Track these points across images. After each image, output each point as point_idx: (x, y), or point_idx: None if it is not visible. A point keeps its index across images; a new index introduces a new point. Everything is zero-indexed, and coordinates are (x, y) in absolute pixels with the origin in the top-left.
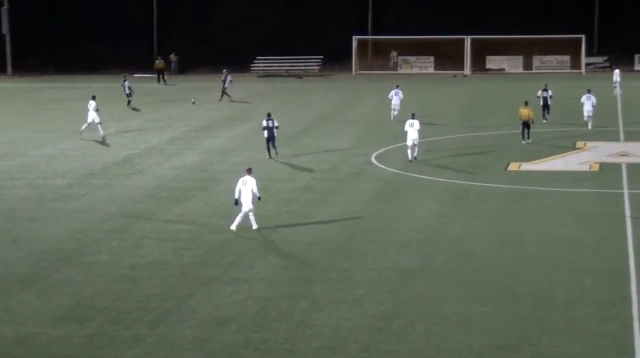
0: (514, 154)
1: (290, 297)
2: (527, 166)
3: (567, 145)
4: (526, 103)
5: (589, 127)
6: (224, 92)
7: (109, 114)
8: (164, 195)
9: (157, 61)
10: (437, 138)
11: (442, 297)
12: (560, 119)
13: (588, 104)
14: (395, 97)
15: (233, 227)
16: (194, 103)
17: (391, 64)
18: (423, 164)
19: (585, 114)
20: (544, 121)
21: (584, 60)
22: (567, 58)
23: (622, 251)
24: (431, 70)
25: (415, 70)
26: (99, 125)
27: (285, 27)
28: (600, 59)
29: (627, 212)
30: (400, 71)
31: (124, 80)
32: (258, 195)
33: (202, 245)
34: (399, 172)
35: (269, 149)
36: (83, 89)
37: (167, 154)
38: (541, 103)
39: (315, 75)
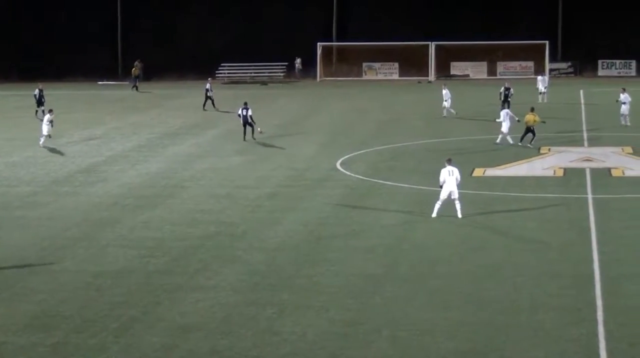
0: (478, 159)
1: (256, 303)
2: (491, 171)
3: (531, 151)
4: (532, 109)
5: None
6: (208, 100)
7: (72, 122)
8: (129, 203)
9: (134, 68)
10: (402, 144)
11: (408, 303)
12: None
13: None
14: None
15: (434, 215)
16: (261, 132)
17: (296, 72)
18: (388, 169)
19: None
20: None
21: (547, 66)
22: (530, 64)
23: (587, 256)
24: (396, 77)
25: (380, 77)
26: (43, 138)
27: (250, 33)
28: (564, 65)
29: (591, 217)
30: (365, 77)
31: (40, 90)
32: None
33: (168, 253)
34: (364, 178)
35: (244, 132)
36: (47, 96)
37: (132, 161)
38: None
39: (280, 82)
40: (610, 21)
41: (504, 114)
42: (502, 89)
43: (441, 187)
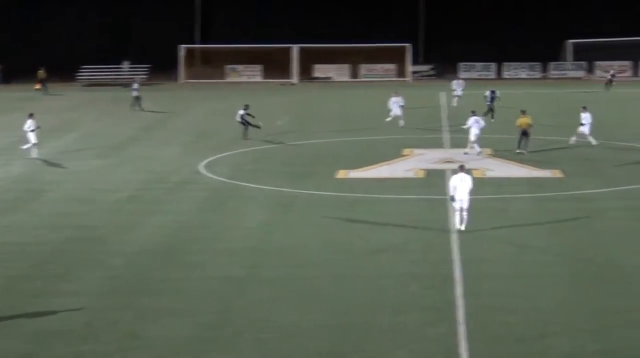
0: (342, 161)
1: (118, 308)
2: (354, 173)
3: (393, 153)
4: (523, 112)
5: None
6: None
7: None
8: None
9: (40, 71)
10: (265, 146)
11: (271, 305)
12: (389, 126)
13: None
14: (395, 105)
15: (462, 227)
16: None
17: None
18: (251, 171)
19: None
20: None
21: (410, 68)
22: (393, 66)
23: (448, 256)
24: (259, 79)
25: (244, 79)
26: (33, 148)
27: (112, 36)
28: (425, 67)
29: (452, 218)
30: (228, 80)
31: None
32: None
33: (29, 258)
34: (227, 181)
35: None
36: None
37: None
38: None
39: (142, 84)
40: (470, 25)
41: (473, 120)
42: (488, 92)
43: (452, 198)
